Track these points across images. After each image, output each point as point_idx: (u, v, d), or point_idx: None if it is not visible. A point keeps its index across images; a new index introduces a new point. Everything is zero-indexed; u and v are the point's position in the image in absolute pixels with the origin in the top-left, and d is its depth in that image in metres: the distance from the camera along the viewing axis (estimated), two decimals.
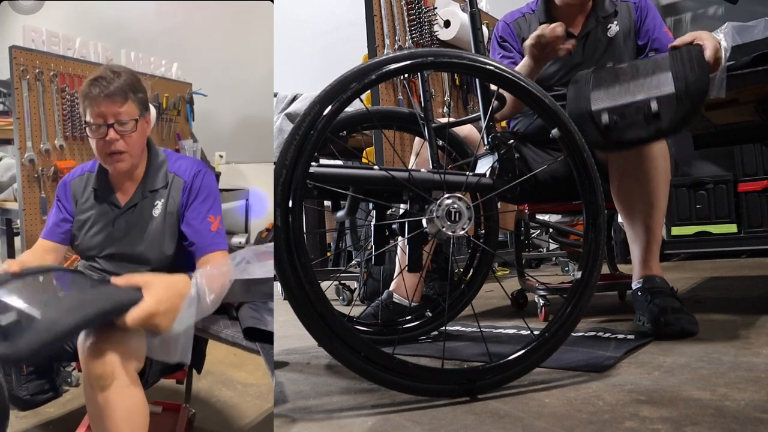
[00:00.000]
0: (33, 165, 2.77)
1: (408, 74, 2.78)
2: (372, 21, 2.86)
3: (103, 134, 1.33)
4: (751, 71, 1.58)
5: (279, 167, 1.07)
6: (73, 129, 2.94)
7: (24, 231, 2.79)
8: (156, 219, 1.40)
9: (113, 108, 1.32)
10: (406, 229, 1.25)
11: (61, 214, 1.48)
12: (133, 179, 1.43)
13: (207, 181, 1.43)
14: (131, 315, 1.02)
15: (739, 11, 4.00)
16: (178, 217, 1.40)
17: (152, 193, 1.42)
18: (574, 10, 1.95)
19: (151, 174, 1.43)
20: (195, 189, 1.41)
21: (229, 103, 4.32)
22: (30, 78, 2.78)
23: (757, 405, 0.98)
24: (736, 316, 1.79)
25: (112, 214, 1.43)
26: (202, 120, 4.01)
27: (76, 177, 1.52)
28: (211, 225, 1.39)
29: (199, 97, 3.92)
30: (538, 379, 1.22)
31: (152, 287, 1.06)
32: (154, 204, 1.41)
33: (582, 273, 1.24)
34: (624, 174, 1.68)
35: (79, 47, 3.11)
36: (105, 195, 1.45)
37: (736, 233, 3.81)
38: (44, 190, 2.80)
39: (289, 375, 1.44)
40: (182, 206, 1.41)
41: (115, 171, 1.40)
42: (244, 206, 3.93)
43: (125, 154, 1.36)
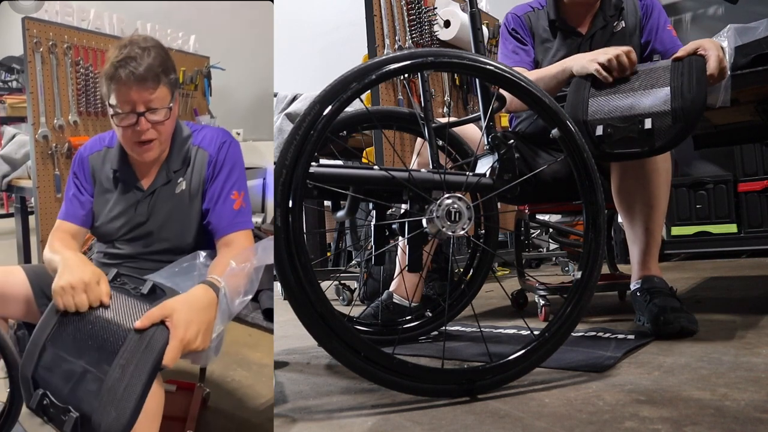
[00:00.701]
0: (47, 141, 2.71)
1: (408, 74, 2.78)
2: (372, 21, 2.86)
3: (131, 122, 1.20)
4: (751, 71, 1.58)
5: (279, 167, 1.07)
6: (87, 104, 2.85)
7: (38, 210, 2.71)
8: (179, 200, 1.31)
9: (144, 94, 1.18)
10: (406, 229, 1.25)
11: (81, 195, 1.38)
12: (156, 160, 1.32)
13: (232, 153, 1.32)
14: (167, 359, 0.98)
15: (740, 11, 4.01)
16: (201, 195, 1.31)
17: (176, 172, 1.32)
18: (582, 8, 1.94)
19: (175, 153, 1.31)
20: (220, 162, 1.30)
21: (248, 79, 4.16)
22: (43, 50, 2.68)
23: (757, 405, 0.98)
24: (736, 316, 1.79)
25: (134, 197, 1.33)
26: (219, 95, 3.86)
27: (93, 152, 1.39)
28: (233, 203, 1.29)
29: (217, 71, 3.78)
30: (538, 379, 1.22)
31: (174, 316, 1.01)
32: (177, 183, 1.31)
33: (582, 273, 1.24)
34: (624, 174, 1.68)
35: (93, 18, 3.00)
36: (126, 178, 1.34)
37: (736, 233, 3.80)
38: (58, 167, 2.73)
39: (289, 375, 1.44)
40: (206, 181, 1.30)
41: (142, 159, 1.29)
42: (261, 185, 3.75)
43: (155, 142, 1.24)
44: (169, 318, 1.01)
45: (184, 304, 1.04)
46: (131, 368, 0.97)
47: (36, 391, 1.02)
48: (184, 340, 1.00)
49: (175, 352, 0.99)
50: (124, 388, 0.95)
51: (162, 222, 1.32)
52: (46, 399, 1.01)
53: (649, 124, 1.42)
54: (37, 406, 1.02)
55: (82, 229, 1.38)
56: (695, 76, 1.44)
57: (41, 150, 2.71)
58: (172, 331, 1.00)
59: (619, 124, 1.46)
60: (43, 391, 1.01)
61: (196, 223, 1.32)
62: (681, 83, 1.43)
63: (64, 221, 1.37)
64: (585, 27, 1.95)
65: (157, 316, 1.01)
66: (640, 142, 1.44)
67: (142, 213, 1.32)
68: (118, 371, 0.97)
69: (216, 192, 1.29)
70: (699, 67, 1.46)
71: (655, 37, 1.91)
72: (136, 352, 0.98)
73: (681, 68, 1.47)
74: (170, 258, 1.31)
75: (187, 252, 1.31)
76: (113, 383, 0.96)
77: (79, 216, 1.37)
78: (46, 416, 1.01)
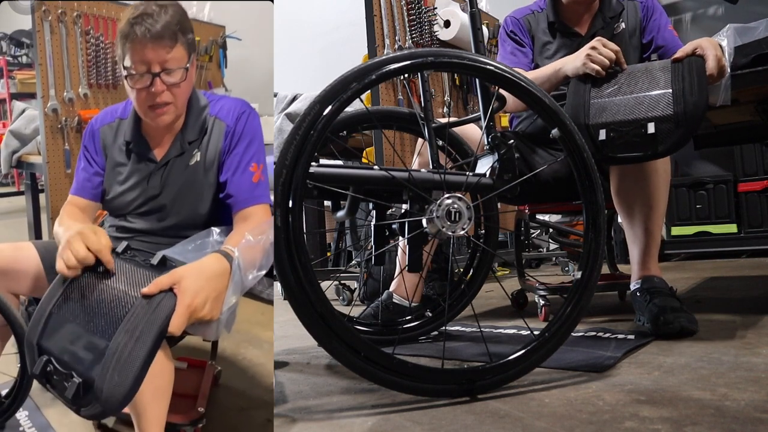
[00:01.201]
0: (56, 115, 2.64)
1: (408, 74, 2.78)
2: (372, 21, 2.86)
3: (146, 84, 1.16)
4: (751, 71, 1.58)
5: (279, 167, 1.07)
6: (98, 76, 2.77)
7: (48, 186, 2.65)
8: (193, 172, 1.26)
9: (160, 53, 1.13)
10: (406, 229, 1.25)
11: (91, 168, 1.34)
12: (171, 130, 1.27)
13: (251, 124, 1.27)
14: (173, 326, 0.96)
15: (740, 11, 4.01)
16: (217, 167, 1.26)
17: (191, 144, 1.27)
18: (581, 9, 1.95)
19: (191, 122, 1.26)
20: (238, 134, 1.25)
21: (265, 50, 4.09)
22: (52, 20, 2.59)
23: (757, 405, 0.98)
24: (736, 316, 1.79)
25: (147, 169, 1.29)
26: (235, 67, 3.68)
27: (105, 124, 1.35)
28: (252, 175, 1.24)
29: (233, 42, 3.59)
30: (538, 379, 1.22)
31: (182, 283, 0.98)
32: (192, 155, 1.26)
33: (582, 273, 1.24)
34: (623, 175, 1.68)
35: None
36: (139, 149, 1.29)
37: (736, 233, 3.80)
38: (68, 141, 2.67)
39: (289, 375, 1.44)
40: (223, 153, 1.25)
41: (156, 125, 1.24)
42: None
43: (170, 106, 1.19)
44: (177, 285, 0.98)
45: (194, 271, 1.01)
46: (136, 333, 0.95)
47: (40, 358, 1.01)
48: (191, 307, 0.97)
49: (182, 319, 0.96)
50: (128, 353, 0.94)
51: (175, 195, 1.28)
52: (50, 366, 0.99)
53: (653, 129, 1.42)
54: (41, 372, 1.00)
55: (93, 204, 1.35)
56: (696, 78, 1.44)
57: (51, 124, 2.64)
58: (179, 298, 0.97)
59: (622, 129, 1.46)
60: (48, 357, 1.00)
61: (211, 196, 1.27)
62: (682, 87, 1.43)
63: (74, 196, 1.35)
64: (584, 28, 1.96)
65: (166, 282, 0.99)
66: (643, 147, 1.44)
67: (155, 186, 1.28)
68: (122, 336, 0.95)
69: (234, 163, 1.24)
70: (699, 68, 1.46)
71: (657, 37, 1.91)
72: (141, 317, 0.96)
73: (681, 70, 1.47)
74: (183, 234, 1.27)
75: (200, 228, 1.27)
76: (117, 348, 0.94)
77: (88, 190, 1.34)
78: (49, 383, 1.00)
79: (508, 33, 2.04)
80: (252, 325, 1.98)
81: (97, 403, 0.94)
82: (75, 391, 0.95)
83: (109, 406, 0.93)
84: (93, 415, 0.97)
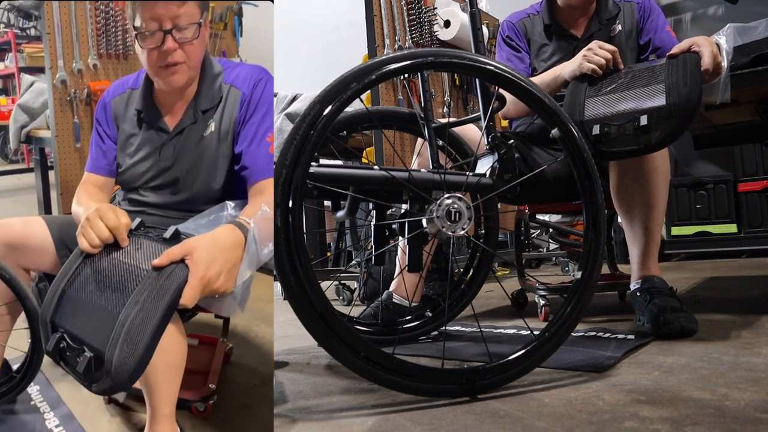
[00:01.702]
0: (65, 87, 2.58)
1: (408, 74, 2.78)
2: (372, 21, 2.86)
3: (157, 42, 1.12)
4: (751, 71, 1.58)
5: (279, 167, 1.07)
6: (108, 46, 2.69)
7: (57, 160, 2.59)
8: (207, 143, 1.22)
9: (171, 9, 1.10)
10: (406, 229, 1.25)
11: (104, 143, 1.31)
12: (184, 98, 1.23)
13: (269, 92, 1.23)
14: (186, 297, 0.94)
15: (740, 11, 4.01)
16: (232, 138, 1.21)
17: (205, 113, 1.23)
18: (576, 12, 1.95)
19: (204, 90, 1.22)
20: (254, 102, 1.20)
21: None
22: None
23: (757, 405, 0.98)
24: (736, 316, 1.79)
25: (159, 140, 1.25)
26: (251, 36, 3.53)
27: (116, 95, 1.33)
28: (269, 146, 1.20)
29: (249, 8, 3.43)
30: (538, 379, 1.22)
31: (195, 254, 0.96)
32: (206, 125, 1.22)
33: (582, 273, 1.24)
34: (623, 174, 1.68)
35: None
36: (151, 118, 1.26)
37: (736, 233, 3.80)
38: (77, 114, 2.60)
39: (289, 375, 1.44)
40: (238, 123, 1.21)
41: (168, 86, 1.20)
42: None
43: (182, 65, 1.15)
44: (189, 256, 0.96)
45: (207, 242, 0.98)
46: (147, 305, 0.93)
47: (53, 335, 1.00)
48: (204, 279, 0.95)
49: (194, 290, 0.94)
50: (138, 324, 0.92)
51: (188, 167, 1.24)
52: (63, 342, 0.99)
53: (645, 121, 1.42)
54: (54, 348, 1.00)
55: (109, 180, 1.32)
56: (689, 71, 1.44)
57: (59, 96, 2.57)
58: (192, 269, 0.95)
59: (615, 122, 1.46)
60: (61, 333, 0.99)
61: (225, 169, 1.23)
62: (675, 79, 1.43)
63: (90, 173, 1.32)
64: (580, 31, 1.96)
65: (178, 254, 0.96)
66: (636, 140, 1.44)
67: (167, 157, 1.25)
68: (131, 307, 0.94)
69: (250, 133, 1.20)
70: (693, 63, 1.47)
71: (654, 37, 1.91)
72: (151, 288, 0.95)
73: (675, 65, 1.48)
74: (196, 208, 1.24)
75: (214, 202, 1.24)
76: (126, 319, 0.93)
77: (103, 166, 1.31)
78: (63, 360, 1.00)
79: (504, 38, 2.05)
80: (264, 303, 1.95)
81: (108, 377, 0.92)
82: (86, 366, 0.94)
83: (118, 379, 0.92)
84: (104, 390, 0.96)
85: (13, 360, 1.40)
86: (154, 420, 1.10)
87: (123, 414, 1.41)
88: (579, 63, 1.63)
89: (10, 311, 1.29)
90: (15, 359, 1.39)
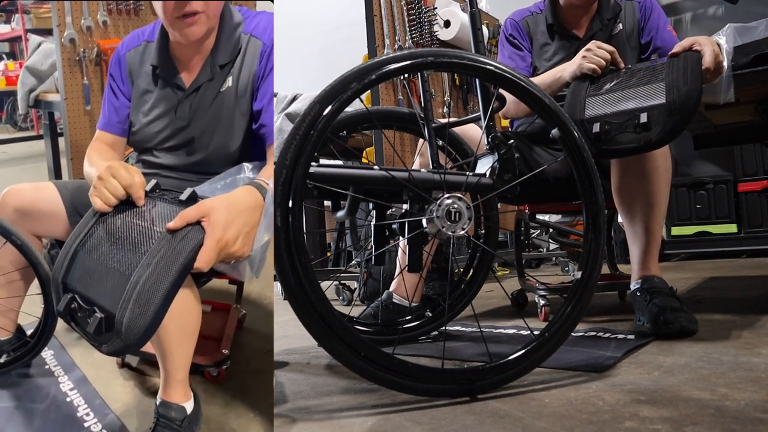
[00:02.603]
0: (74, 46, 2.46)
1: (408, 74, 2.78)
2: (372, 21, 2.86)
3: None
4: (751, 71, 1.58)
5: (279, 167, 1.07)
6: (118, 1, 2.57)
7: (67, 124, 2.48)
8: (224, 99, 1.17)
9: None
10: (406, 229, 1.25)
11: (117, 99, 1.26)
12: (201, 52, 1.18)
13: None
14: (201, 260, 0.91)
15: (740, 11, 4.00)
16: (251, 94, 1.15)
17: (223, 68, 1.16)
18: (578, 11, 1.96)
19: (222, 42, 1.15)
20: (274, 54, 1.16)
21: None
22: None
23: (757, 405, 0.98)
24: (736, 316, 1.79)
25: (175, 97, 1.20)
26: None
27: (131, 48, 1.26)
28: None
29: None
30: (538, 379, 1.22)
31: (212, 216, 0.92)
32: (224, 81, 1.16)
33: (582, 273, 1.24)
34: (624, 173, 1.68)
35: None
36: (166, 74, 1.20)
37: (736, 233, 3.80)
38: (87, 75, 2.49)
39: (289, 375, 1.44)
40: (257, 78, 1.15)
41: (185, 38, 1.13)
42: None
43: (201, 15, 1.09)
44: (206, 218, 0.93)
45: (224, 203, 0.95)
46: (160, 267, 0.91)
47: (65, 295, 1.00)
48: (221, 242, 0.92)
49: (210, 253, 0.91)
50: (150, 286, 0.90)
51: (205, 127, 1.19)
52: (74, 303, 0.98)
53: (645, 118, 1.42)
54: (65, 309, 0.99)
55: (121, 139, 1.27)
56: (690, 69, 1.44)
57: (68, 56, 2.47)
58: (208, 231, 0.92)
59: (615, 120, 1.46)
60: (72, 295, 0.99)
61: (243, 127, 1.18)
62: (676, 77, 1.43)
63: (101, 131, 1.27)
64: (582, 30, 1.97)
65: (194, 215, 0.93)
66: (636, 137, 1.44)
67: (183, 116, 1.19)
68: (145, 269, 0.92)
69: (270, 90, 1.16)
70: (694, 61, 1.47)
71: (656, 37, 1.91)
72: (166, 251, 0.93)
73: (676, 63, 1.48)
74: (213, 170, 1.21)
75: (231, 164, 1.20)
76: (138, 280, 0.91)
77: (115, 124, 1.26)
78: (74, 321, 0.99)
79: (507, 36, 2.05)
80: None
81: (118, 338, 0.91)
82: (96, 326, 0.93)
83: (129, 340, 0.90)
84: (114, 351, 0.94)
85: (27, 325, 1.42)
86: (168, 384, 1.10)
87: (136, 378, 1.43)
88: (579, 63, 1.64)
89: (23, 277, 1.29)
90: (29, 324, 1.42)
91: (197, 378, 1.37)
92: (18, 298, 1.34)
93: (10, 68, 5.60)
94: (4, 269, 1.27)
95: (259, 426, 1.28)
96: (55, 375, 1.44)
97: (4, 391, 1.37)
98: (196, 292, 1.04)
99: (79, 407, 1.31)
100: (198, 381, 1.37)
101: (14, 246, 1.22)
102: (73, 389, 1.38)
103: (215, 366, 1.38)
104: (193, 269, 0.93)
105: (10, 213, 1.22)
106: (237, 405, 1.37)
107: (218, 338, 1.48)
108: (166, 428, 1.11)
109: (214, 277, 1.25)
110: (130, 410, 1.32)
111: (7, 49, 6.49)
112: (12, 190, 1.24)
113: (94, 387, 1.38)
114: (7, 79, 5.48)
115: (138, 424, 1.26)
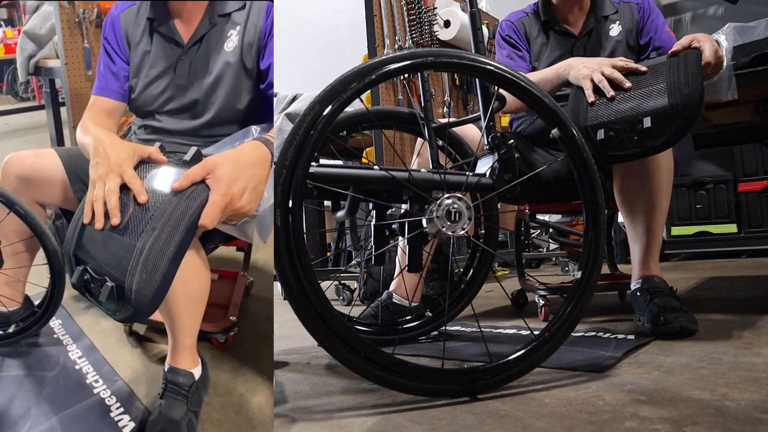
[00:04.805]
0: (73, 7, 2.38)
1: (408, 74, 2.78)
2: (372, 21, 2.86)
3: None
4: (751, 71, 1.58)
5: (279, 167, 1.07)
6: None
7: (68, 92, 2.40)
8: (229, 56, 1.11)
9: None
10: (406, 229, 1.25)
11: (113, 64, 1.21)
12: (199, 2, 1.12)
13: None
14: (206, 217, 0.89)
15: (740, 11, 4.00)
16: (257, 51, 1.10)
17: (223, 18, 1.10)
18: (572, 7, 1.96)
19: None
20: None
21: None
22: None
23: (757, 405, 0.98)
24: (736, 316, 1.79)
25: (174, 54, 1.14)
26: None
27: (125, 8, 1.21)
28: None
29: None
30: (538, 379, 1.22)
31: (216, 171, 0.90)
32: (227, 34, 1.10)
33: (582, 273, 1.24)
34: (627, 173, 1.68)
35: None
36: (164, 28, 1.14)
37: (736, 233, 3.80)
38: (87, 38, 2.41)
39: (289, 375, 1.44)
40: (264, 34, 1.09)
41: None
42: None
43: None
44: (211, 174, 0.90)
45: (230, 157, 0.92)
46: (165, 230, 0.90)
47: (77, 268, 1.00)
48: (227, 196, 0.89)
49: (215, 208, 0.88)
50: (157, 250, 0.89)
51: (209, 86, 1.14)
52: (87, 274, 0.98)
53: (649, 123, 1.42)
54: (78, 281, 1.00)
55: (119, 104, 1.22)
56: (690, 69, 1.44)
57: (67, 18, 2.38)
58: (213, 186, 0.90)
59: (619, 126, 1.46)
60: (84, 266, 0.99)
61: (250, 87, 1.14)
62: (677, 78, 1.43)
63: (98, 96, 1.22)
64: (577, 27, 1.97)
65: (198, 173, 0.91)
66: (641, 142, 1.44)
67: (183, 74, 1.14)
68: (150, 234, 0.91)
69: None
70: (694, 59, 1.47)
71: (655, 37, 1.91)
72: (171, 212, 0.91)
73: (677, 63, 1.48)
74: (218, 133, 1.17)
75: (237, 125, 1.16)
76: (144, 245, 0.91)
77: (112, 88, 1.21)
78: (88, 292, 1.00)
79: (504, 37, 2.05)
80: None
81: (129, 305, 0.91)
82: (108, 295, 0.94)
83: (139, 306, 0.90)
84: (127, 318, 0.95)
85: (35, 296, 1.44)
86: (177, 350, 1.10)
87: (144, 345, 1.44)
88: (585, 76, 1.58)
89: (28, 248, 1.28)
90: (36, 295, 1.43)
91: (205, 344, 1.38)
92: (24, 269, 1.35)
93: (8, 35, 5.35)
94: (8, 240, 1.26)
95: (267, 390, 1.29)
96: (63, 344, 1.46)
97: (15, 360, 1.39)
98: (205, 259, 1.03)
99: (88, 374, 1.33)
100: (206, 347, 1.38)
101: (18, 216, 1.21)
102: (82, 357, 1.40)
103: (223, 333, 1.39)
104: (198, 226, 0.91)
105: (13, 181, 1.21)
106: (245, 371, 1.37)
107: (226, 305, 1.49)
108: (175, 394, 1.10)
109: (221, 244, 1.23)
110: (139, 377, 1.33)
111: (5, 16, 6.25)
112: (13, 158, 1.22)
113: (103, 355, 1.40)
114: (6, 47, 5.23)
115: (146, 390, 1.27)
